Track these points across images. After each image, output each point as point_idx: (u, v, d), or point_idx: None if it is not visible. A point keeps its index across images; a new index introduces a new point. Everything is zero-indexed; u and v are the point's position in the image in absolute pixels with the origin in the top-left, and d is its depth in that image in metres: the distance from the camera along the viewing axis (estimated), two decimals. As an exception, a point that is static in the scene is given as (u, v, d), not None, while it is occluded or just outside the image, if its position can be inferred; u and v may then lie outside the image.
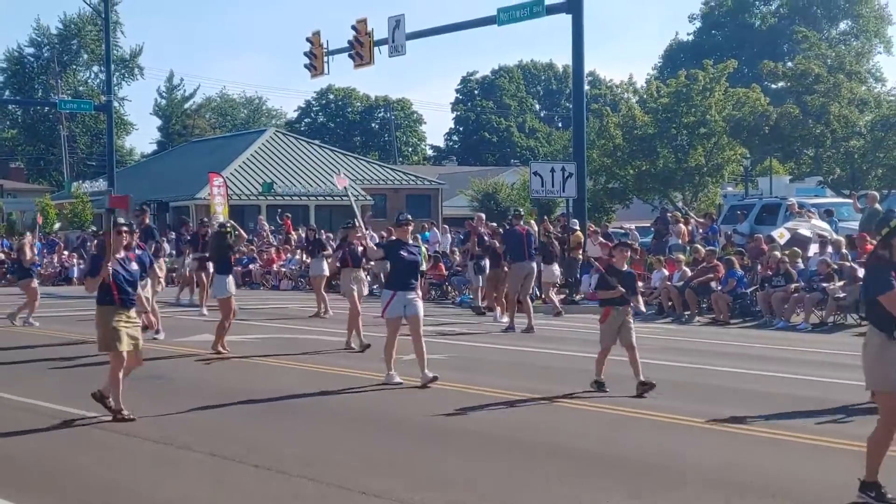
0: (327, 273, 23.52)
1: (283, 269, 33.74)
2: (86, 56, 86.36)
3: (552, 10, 30.45)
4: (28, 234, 29.22)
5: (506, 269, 21.05)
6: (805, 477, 8.37)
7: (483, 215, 27.48)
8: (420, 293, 13.64)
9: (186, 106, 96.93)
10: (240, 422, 11.04)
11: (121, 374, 10.83)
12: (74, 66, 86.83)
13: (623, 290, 12.37)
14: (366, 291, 18.48)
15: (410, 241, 13.71)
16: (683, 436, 10.08)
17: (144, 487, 8.33)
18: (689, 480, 8.32)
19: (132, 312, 11.05)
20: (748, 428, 10.31)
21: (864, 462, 7.59)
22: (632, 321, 12.61)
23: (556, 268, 24.42)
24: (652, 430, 10.37)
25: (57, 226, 52.97)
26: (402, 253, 13.18)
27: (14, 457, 9.49)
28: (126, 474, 8.79)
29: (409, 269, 13.26)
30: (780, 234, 24.79)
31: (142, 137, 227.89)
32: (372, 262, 17.39)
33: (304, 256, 29.87)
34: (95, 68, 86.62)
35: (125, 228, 11.35)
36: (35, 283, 22.20)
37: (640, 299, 13.50)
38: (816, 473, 8.52)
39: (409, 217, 13.87)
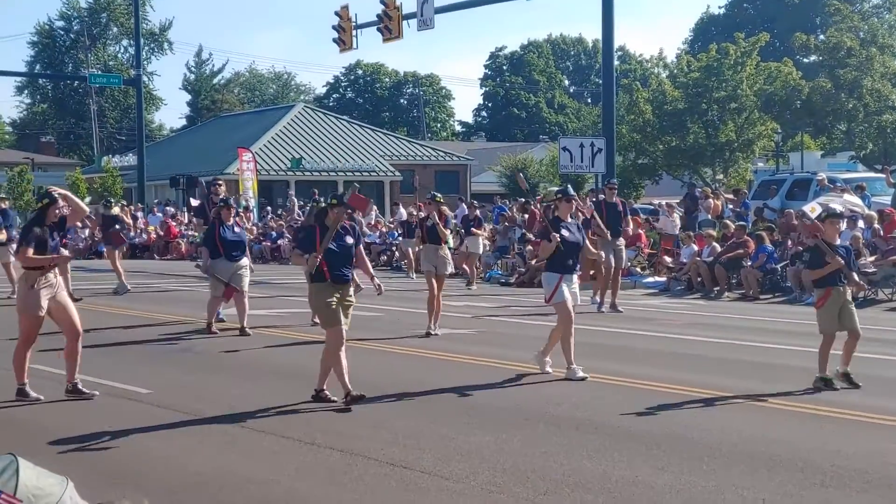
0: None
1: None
2: (115, 30, 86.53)
3: (582, -17, 30.20)
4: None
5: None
6: (832, 448, 8.32)
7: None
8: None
9: (215, 81, 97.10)
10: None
11: (341, 353, 10.20)
12: (104, 40, 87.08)
13: (842, 261, 11.00)
14: (449, 270, 16.55)
15: (570, 219, 12.40)
16: (715, 410, 10.03)
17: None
18: (714, 452, 8.29)
19: (347, 289, 10.39)
20: (779, 402, 10.25)
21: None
22: (853, 304, 11.30)
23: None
24: (680, 404, 10.34)
25: (87, 200, 53.29)
26: (563, 232, 11.97)
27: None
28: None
29: (572, 250, 12.08)
30: (812, 209, 24.54)
31: (171, 112, 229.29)
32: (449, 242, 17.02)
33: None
34: (125, 42, 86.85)
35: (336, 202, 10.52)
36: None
37: (856, 277, 11.72)
38: (845, 446, 8.46)
39: (573, 192, 12.91)
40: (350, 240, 10.42)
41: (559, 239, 11.68)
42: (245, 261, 15.76)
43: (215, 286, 15.60)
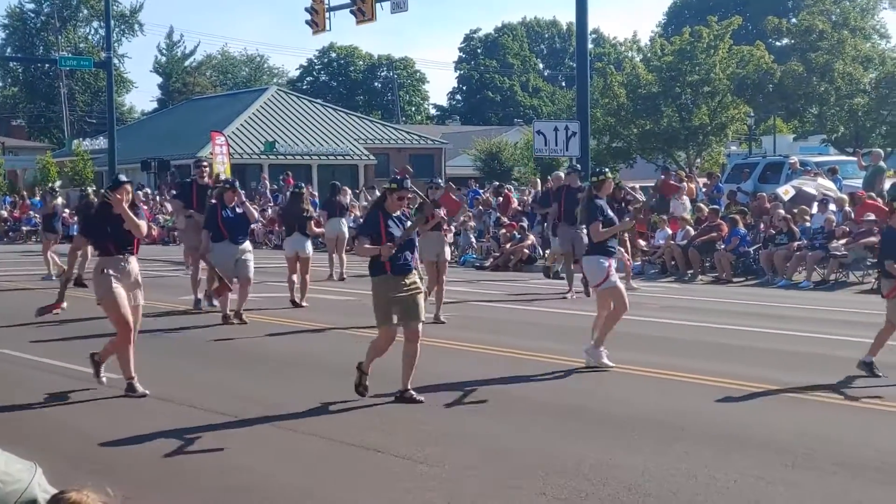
0: (346, 234, 22.08)
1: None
2: (85, 12, 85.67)
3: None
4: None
5: None
6: (804, 431, 8.35)
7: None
8: None
9: (187, 63, 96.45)
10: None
11: (385, 349, 9.62)
12: (74, 22, 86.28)
13: None
14: (448, 256, 16.14)
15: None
16: (689, 393, 10.06)
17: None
18: (686, 435, 8.32)
19: (412, 277, 9.64)
20: (752, 384, 10.29)
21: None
22: None
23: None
24: (655, 387, 10.36)
25: (58, 183, 52.88)
26: (608, 213, 11.60)
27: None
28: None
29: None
30: (786, 192, 24.72)
31: (142, 95, 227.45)
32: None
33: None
34: (95, 24, 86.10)
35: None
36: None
37: None
38: (816, 428, 8.50)
39: (608, 172, 12.53)
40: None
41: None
42: (248, 244, 15.27)
43: (224, 272, 14.73)
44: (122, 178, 10.37)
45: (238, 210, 15.14)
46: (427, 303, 14.38)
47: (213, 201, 15.48)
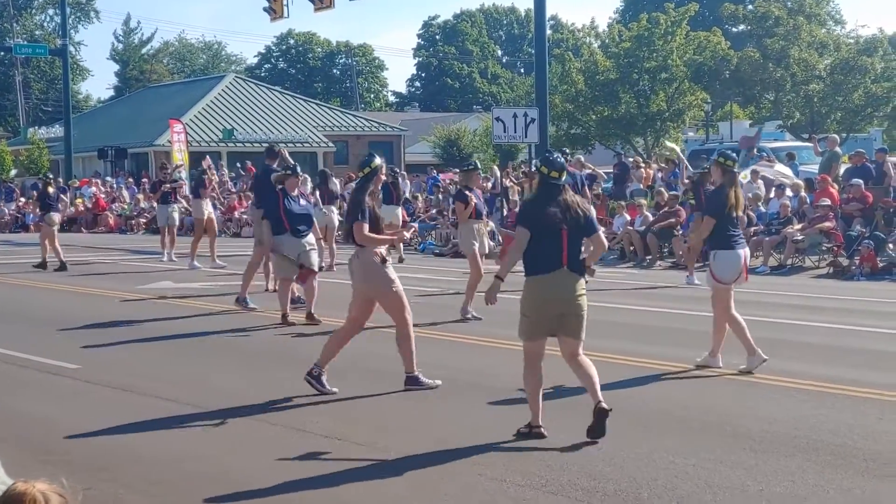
0: (336, 222, 21.34)
1: (245, 217, 33.60)
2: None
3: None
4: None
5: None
6: (763, 415, 8.45)
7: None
8: None
9: (144, 51, 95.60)
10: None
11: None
12: (30, 10, 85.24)
13: None
14: (487, 248, 15.21)
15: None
16: (646, 379, 10.13)
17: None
18: (645, 420, 8.39)
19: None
20: (711, 370, 10.38)
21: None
22: None
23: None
24: (612, 372, 10.43)
25: (13, 172, 52.31)
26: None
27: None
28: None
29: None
30: (744, 176, 24.91)
31: (98, 83, 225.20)
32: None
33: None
34: (51, 11, 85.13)
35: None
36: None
37: None
38: (775, 412, 8.60)
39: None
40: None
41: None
42: (312, 237, 13.89)
43: (283, 266, 13.68)
44: None
45: (302, 201, 14.03)
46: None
47: (277, 190, 14.07)
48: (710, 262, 10.62)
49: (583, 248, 7.80)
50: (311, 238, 13.81)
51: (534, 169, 6.21)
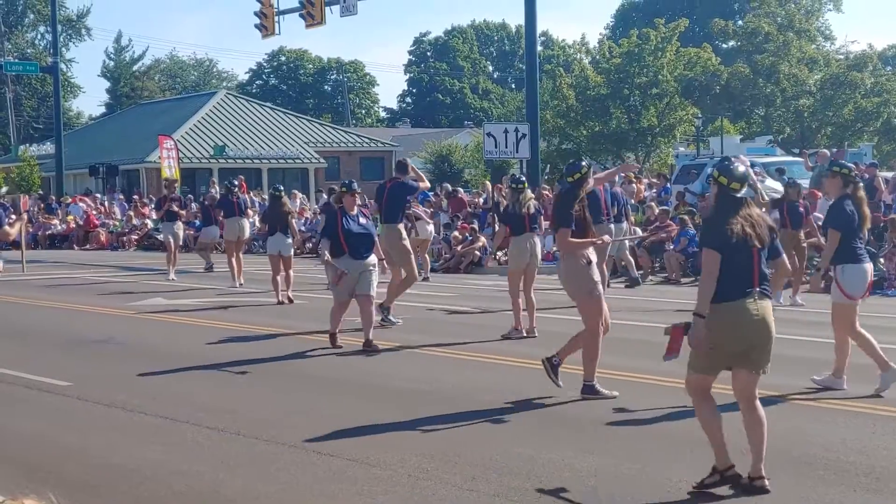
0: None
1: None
2: (32, 16, 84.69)
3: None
4: None
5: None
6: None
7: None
8: None
9: (135, 68, 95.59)
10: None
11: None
12: (21, 27, 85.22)
13: None
14: (539, 260, 14.38)
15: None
16: (642, 395, 10.13)
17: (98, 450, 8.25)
18: (639, 435, 8.37)
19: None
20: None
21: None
22: None
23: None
24: (607, 387, 10.42)
25: (4, 189, 52.20)
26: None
27: None
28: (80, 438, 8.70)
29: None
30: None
31: (90, 100, 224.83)
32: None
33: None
34: (42, 29, 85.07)
35: None
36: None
37: None
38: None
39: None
40: None
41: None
42: (373, 258, 12.88)
43: (338, 290, 12.75)
44: None
45: (362, 219, 12.96)
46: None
47: (336, 208, 13.45)
48: (835, 278, 10.02)
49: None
50: (371, 259, 12.79)
51: (708, 178, 5.84)
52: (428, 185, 17.70)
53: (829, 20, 62.69)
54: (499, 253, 24.18)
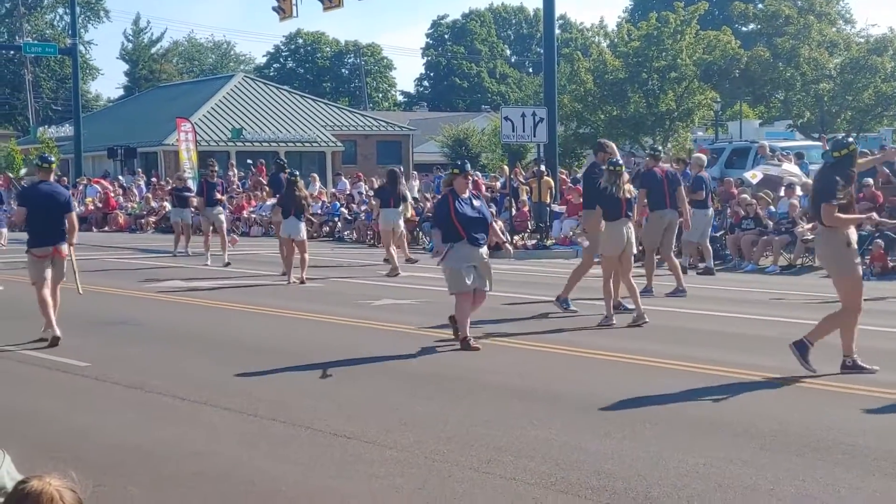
0: (399, 226, 20.98)
1: (254, 216, 33.73)
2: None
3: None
4: None
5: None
6: (775, 414, 8.41)
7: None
8: None
9: (153, 50, 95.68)
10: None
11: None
12: (40, 9, 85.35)
13: None
14: (634, 247, 13.95)
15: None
16: (659, 378, 10.11)
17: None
18: (657, 419, 8.36)
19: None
20: (723, 369, 10.34)
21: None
22: None
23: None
24: (624, 371, 10.40)
25: (23, 171, 52.37)
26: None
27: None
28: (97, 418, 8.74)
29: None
30: (753, 175, 24.91)
31: (108, 82, 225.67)
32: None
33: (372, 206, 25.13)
34: (61, 10, 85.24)
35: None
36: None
37: None
38: (786, 411, 8.56)
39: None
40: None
41: None
42: (485, 249, 11.86)
43: (456, 281, 11.69)
44: None
45: (476, 202, 12.01)
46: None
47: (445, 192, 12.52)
48: None
49: None
50: (485, 249, 11.87)
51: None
52: None
53: (849, 3, 62.47)
54: (516, 237, 24.15)
